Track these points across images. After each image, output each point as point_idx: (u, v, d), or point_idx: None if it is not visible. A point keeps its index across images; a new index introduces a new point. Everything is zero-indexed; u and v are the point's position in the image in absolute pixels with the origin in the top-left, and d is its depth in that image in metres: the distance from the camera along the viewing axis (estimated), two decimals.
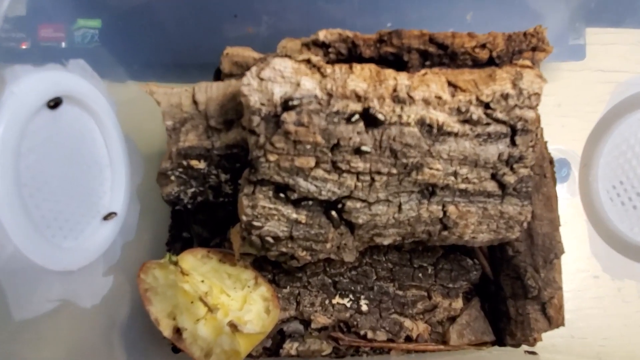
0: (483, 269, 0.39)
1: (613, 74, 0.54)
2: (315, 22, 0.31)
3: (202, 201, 0.36)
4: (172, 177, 0.33)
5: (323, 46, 0.31)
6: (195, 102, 0.30)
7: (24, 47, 0.38)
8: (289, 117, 0.26)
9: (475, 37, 0.31)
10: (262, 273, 0.37)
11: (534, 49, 0.31)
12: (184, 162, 0.31)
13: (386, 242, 0.33)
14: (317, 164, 0.28)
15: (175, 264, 0.31)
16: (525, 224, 0.32)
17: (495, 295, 0.38)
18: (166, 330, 0.31)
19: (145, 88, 0.30)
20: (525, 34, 0.31)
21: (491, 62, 0.32)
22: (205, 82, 0.30)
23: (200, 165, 0.32)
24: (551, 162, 0.35)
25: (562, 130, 0.51)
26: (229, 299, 0.33)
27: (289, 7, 0.30)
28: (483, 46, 0.31)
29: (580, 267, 0.34)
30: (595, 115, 0.40)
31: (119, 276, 0.31)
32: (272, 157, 0.27)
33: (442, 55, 0.31)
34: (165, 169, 0.32)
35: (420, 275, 0.38)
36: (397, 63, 0.32)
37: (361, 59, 0.31)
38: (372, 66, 0.29)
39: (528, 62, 0.29)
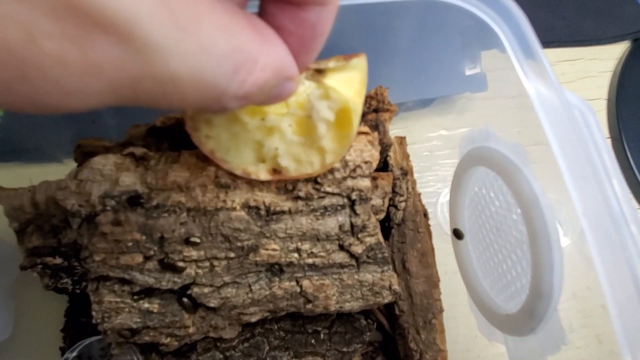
0: (383, 326, 0.38)
1: (521, 98, 0.53)
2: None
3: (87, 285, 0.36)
4: (39, 276, 0.32)
5: (164, 130, 0.31)
6: (35, 203, 0.30)
7: None
8: (104, 218, 0.26)
9: None
10: (150, 355, 0.36)
11: (376, 111, 0.31)
12: (39, 260, 0.31)
13: (254, 319, 0.32)
14: (147, 259, 0.27)
15: None
16: (394, 288, 0.31)
17: (393, 355, 0.36)
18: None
19: None
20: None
21: None
22: (46, 182, 0.30)
23: (57, 261, 0.31)
24: (425, 214, 0.34)
25: None
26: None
27: None
28: None
29: (461, 323, 0.33)
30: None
31: None
32: (97, 257, 0.27)
33: None
34: (25, 267, 0.32)
35: (313, 341, 0.37)
36: None
37: None
38: (201, 152, 0.28)
39: (363, 129, 0.29)
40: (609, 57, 0.58)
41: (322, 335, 0.37)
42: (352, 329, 0.37)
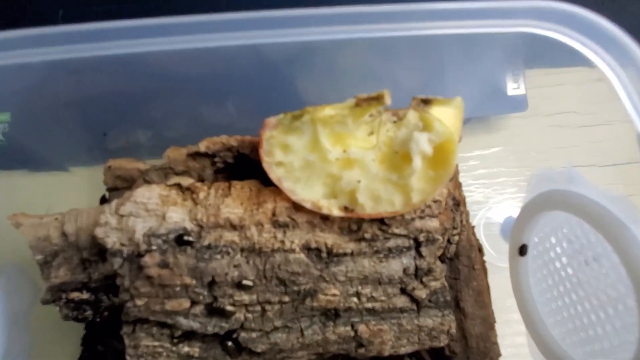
0: None
1: (558, 117, 0.51)
2: (202, 127, 0.29)
3: (111, 313, 0.33)
4: (59, 307, 0.29)
5: (208, 156, 0.28)
6: (64, 234, 0.27)
7: None
8: (151, 260, 0.23)
9: None
10: None
11: None
12: (64, 296, 0.28)
13: None
14: (195, 303, 0.25)
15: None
16: (452, 331, 0.29)
17: None
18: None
19: (11, 220, 0.27)
20: None
21: None
22: (75, 210, 0.27)
23: (84, 296, 0.28)
24: (480, 250, 0.32)
25: (510, 184, 0.48)
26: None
27: (170, 116, 0.28)
28: None
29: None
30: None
31: None
32: (139, 302, 0.24)
33: None
34: (47, 301, 0.29)
35: None
36: None
37: (251, 164, 0.29)
38: (253, 184, 0.26)
39: None
40: None
41: None
42: None
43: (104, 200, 0.31)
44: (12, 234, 0.30)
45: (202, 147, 0.28)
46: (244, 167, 0.29)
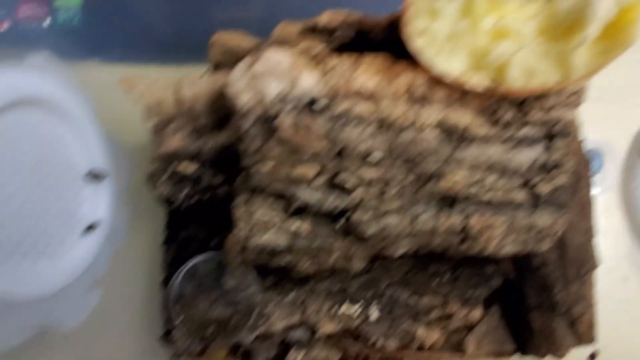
0: (506, 274, 0.36)
1: None
2: (317, 2, 0.27)
3: (199, 200, 0.33)
4: (161, 180, 0.30)
5: (325, 32, 0.27)
6: (181, 100, 0.26)
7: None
8: (285, 122, 0.22)
9: None
10: (266, 277, 0.34)
11: None
12: (172, 166, 0.28)
13: (398, 253, 0.29)
14: (319, 173, 0.24)
15: None
16: (557, 236, 0.28)
17: (518, 304, 0.35)
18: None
19: (124, 83, 0.26)
20: None
21: None
22: (192, 76, 0.26)
23: (191, 168, 0.28)
24: (587, 164, 0.31)
25: (597, 116, 0.45)
26: None
27: None
28: None
29: (609, 266, 0.30)
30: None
31: (108, 291, 0.28)
32: (266, 166, 0.24)
33: None
34: (152, 173, 0.29)
35: (436, 281, 0.35)
36: None
37: (372, 43, 0.27)
38: (387, 56, 0.24)
39: None
40: None
41: (445, 277, 0.35)
42: (478, 273, 0.35)
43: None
44: (111, 113, 0.29)
45: (323, 20, 0.26)
46: (364, 47, 0.27)
